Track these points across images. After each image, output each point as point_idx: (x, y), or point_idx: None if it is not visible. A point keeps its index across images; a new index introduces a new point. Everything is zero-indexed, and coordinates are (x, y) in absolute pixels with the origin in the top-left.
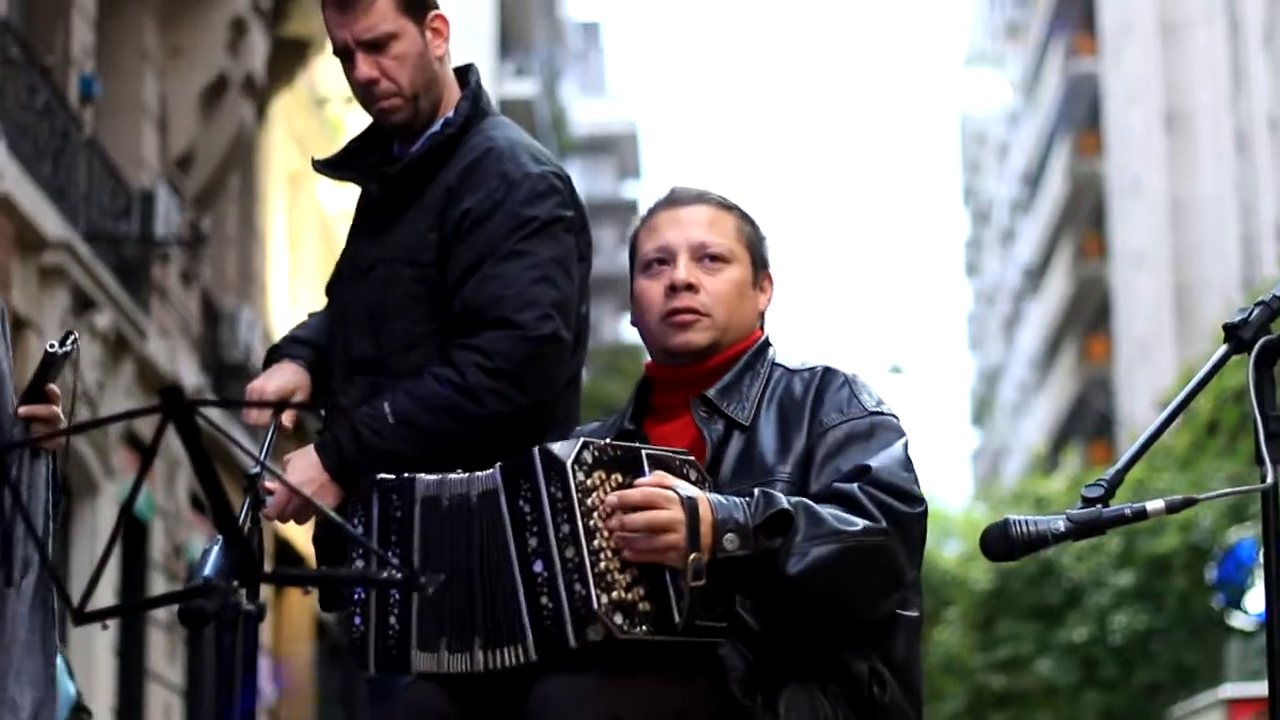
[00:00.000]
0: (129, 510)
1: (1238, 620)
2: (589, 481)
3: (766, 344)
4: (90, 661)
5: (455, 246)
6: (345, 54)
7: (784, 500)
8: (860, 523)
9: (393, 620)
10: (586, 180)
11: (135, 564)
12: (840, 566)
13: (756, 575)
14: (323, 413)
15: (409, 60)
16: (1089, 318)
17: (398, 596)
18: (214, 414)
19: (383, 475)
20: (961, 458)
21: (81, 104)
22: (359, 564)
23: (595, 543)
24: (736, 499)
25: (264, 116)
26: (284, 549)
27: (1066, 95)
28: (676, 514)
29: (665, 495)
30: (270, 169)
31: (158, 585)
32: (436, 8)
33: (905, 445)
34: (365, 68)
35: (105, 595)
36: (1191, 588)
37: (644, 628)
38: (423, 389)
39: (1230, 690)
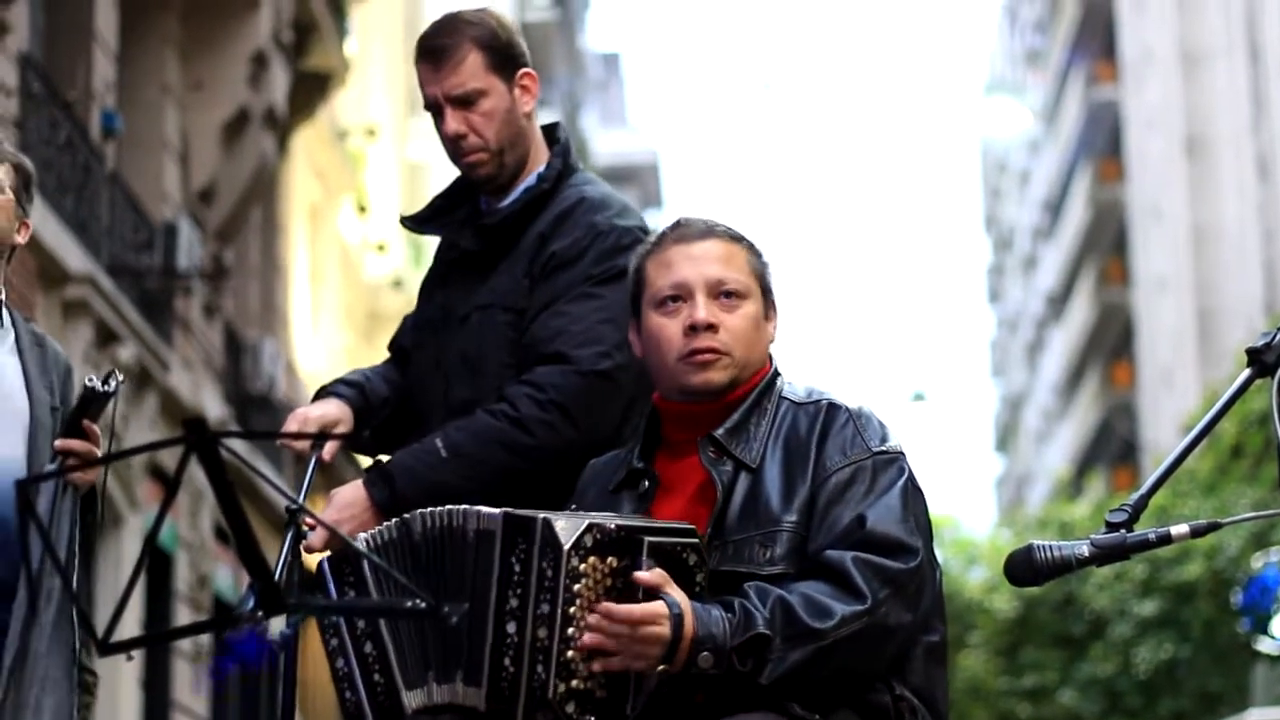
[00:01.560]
0: (153, 541)
1: (1264, 645)
2: (582, 567)
3: (775, 377)
4: (115, 692)
5: (538, 287)
6: (435, 109)
7: (761, 620)
8: (838, 612)
9: (376, 677)
10: None
11: (160, 595)
12: (817, 664)
13: (732, 686)
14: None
15: (496, 116)
16: (1112, 344)
17: (374, 653)
18: (238, 445)
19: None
20: (986, 484)
21: (103, 138)
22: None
23: (570, 630)
24: (718, 613)
25: (285, 149)
26: (309, 579)
27: (1087, 122)
28: (663, 632)
29: (658, 614)
30: (292, 201)
31: (182, 616)
32: (526, 65)
33: (906, 484)
34: (453, 123)
35: (130, 626)
36: (1216, 614)
37: (592, 718)
38: (475, 423)
39: (1256, 716)
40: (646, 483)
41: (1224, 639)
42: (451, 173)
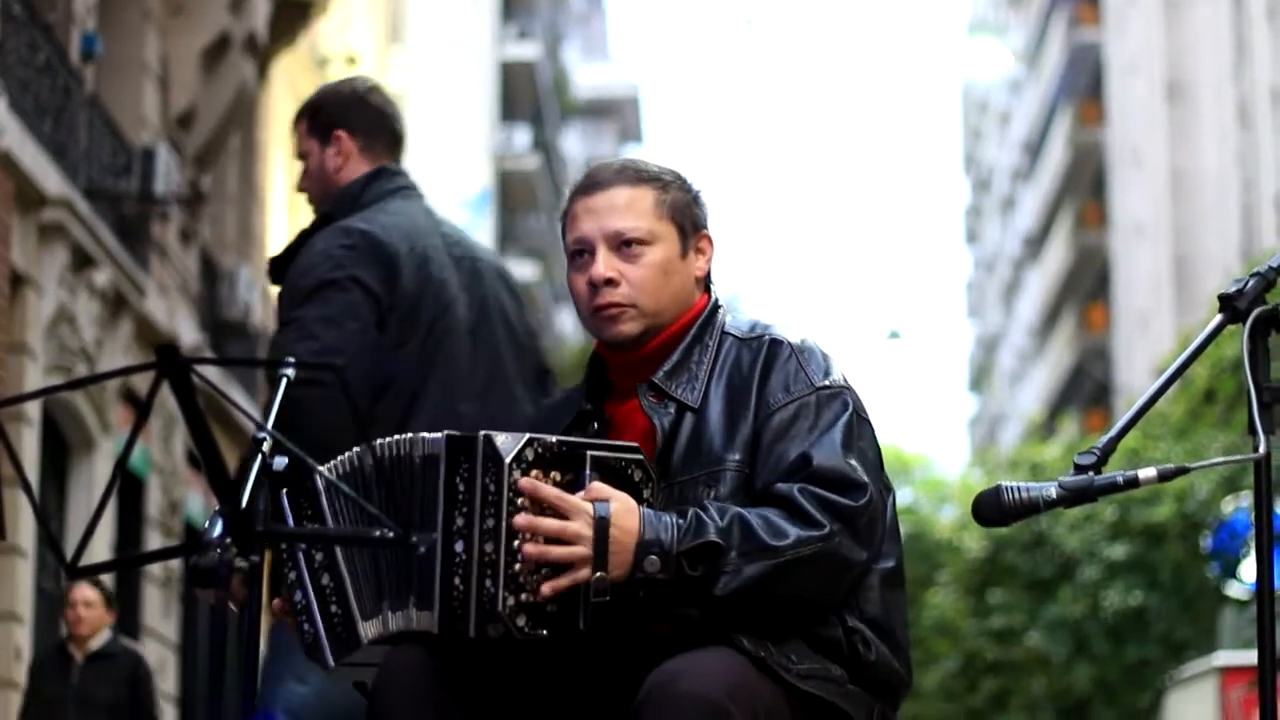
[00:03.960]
0: (124, 465)
1: (1233, 589)
2: (524, 481)
3: (714, 311)
4: None
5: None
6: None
7: (713, 529)
8: (793, 533)
9: (334, 609)
10: (587, 144)
11: (131, 520)
12: (773, 581)
13: (684, 596)
14: None
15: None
16: (1088, 287)
17: (331, 584)
18: (210, 372)
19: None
20: (959, 424)
21: (83, 61)
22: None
23: (516, 543)
24: (669, 519)
25: (265, 76)
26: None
27: (1069, 65)
28: (581, 529)
29: (576, 506)
30: (271, 128)
31: (153, 541)
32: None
33: (851, 418)
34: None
35: (100, 551)
36: (1186, 558)
37: (544, 631)
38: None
39: (1224, 658)
40: (595, 425)
41: (1192, 584)
42: (427, 102)
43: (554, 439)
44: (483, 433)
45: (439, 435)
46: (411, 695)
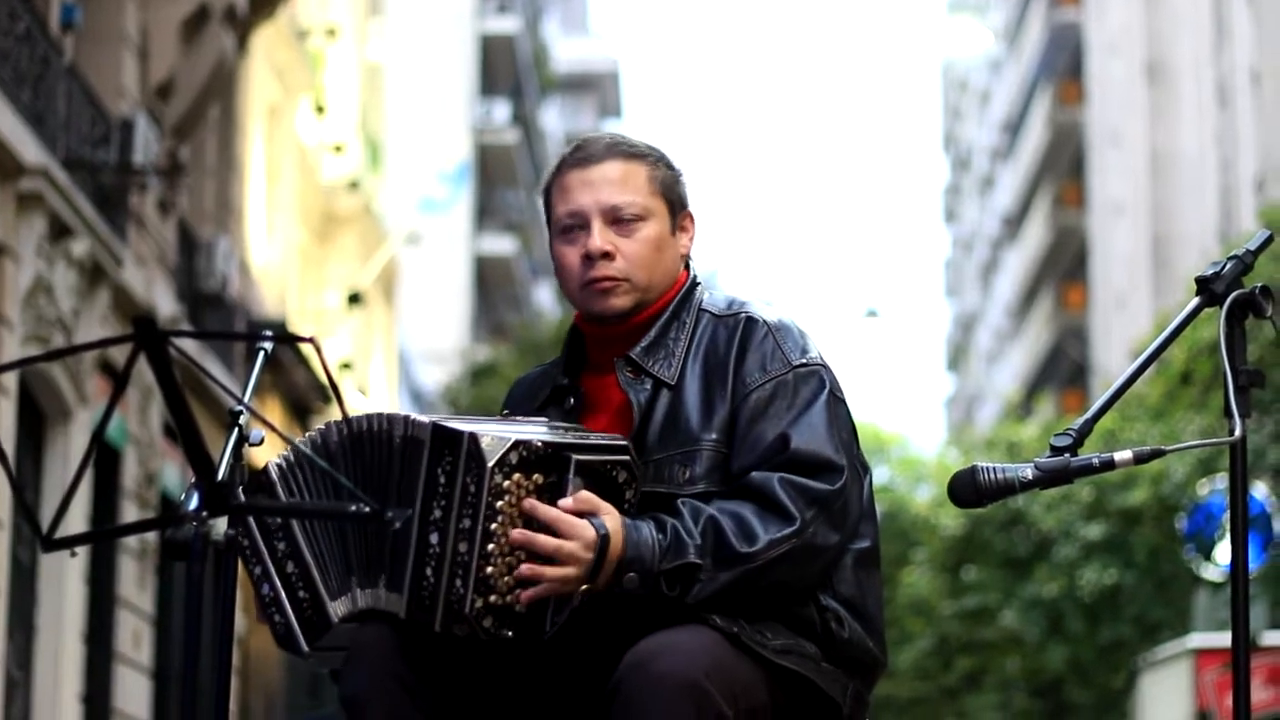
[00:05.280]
0: (100, 437)
1: (1208, 572)
2: (506, 484)
3: (692, 288)
4: (60, 588)
5: None
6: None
7: (692, 549)
8: (764, 536)
9: (301, 594)
10: (566, 118)
11: (107, 491)
12: (745, 585)
13: (657, 605)
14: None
15: None
16: (1066, 266)
17: (296, 570)
18: (187, 344)
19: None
20: (936, 403)
21: (62, 31)
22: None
23: (490, 546)
24: (649, 532)
25: (245, 48)
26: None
27: (1049, 44)
28: (578, 552)
29: (573, 529)
30: (250, 100)
31: (129, 513)
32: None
33: (828, 397)
34: None
35: (76, 522)
36: (1161, 540)
37: (509, 633)
38: None
39: (1198, 640)
40: (572, 400)
41: (1167, 567)
42: (406, 75)
43: (540, 441)
44: (468, 430)
45: (426, 420)
46: (380, 673)
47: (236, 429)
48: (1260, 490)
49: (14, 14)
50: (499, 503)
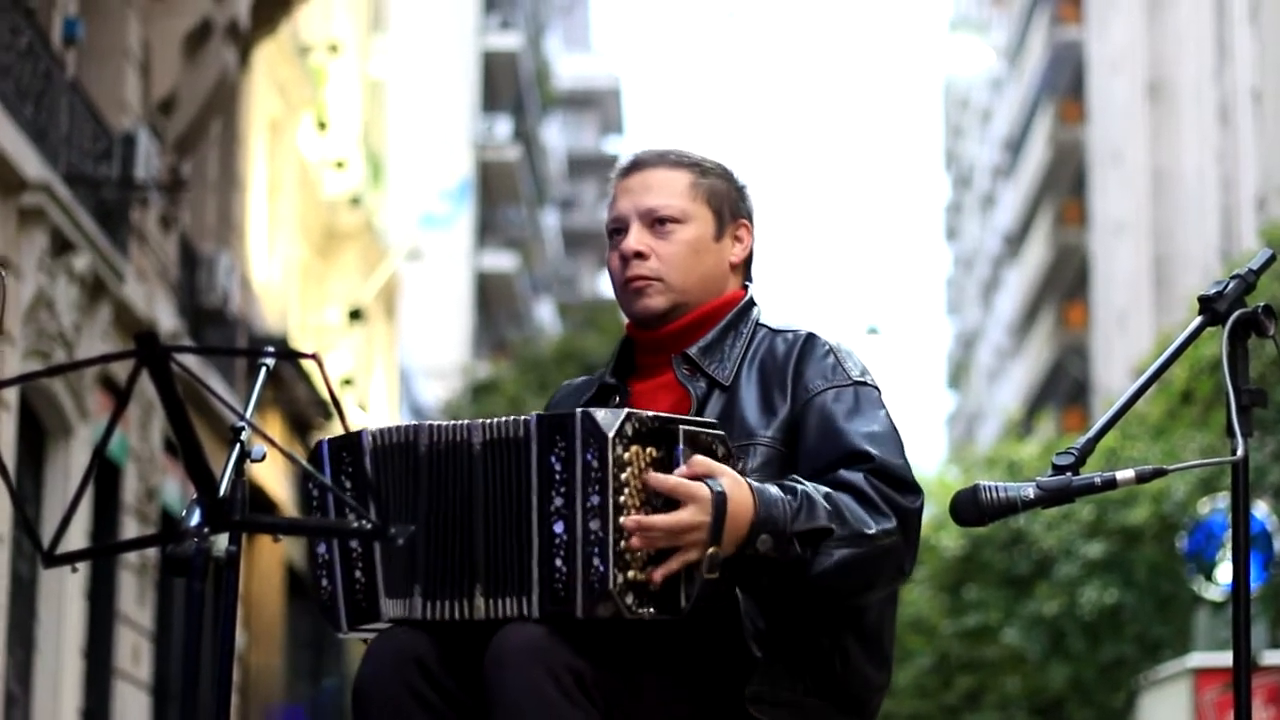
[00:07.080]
0: (101, 453)
1: (1209, 591)
2: (626, 455)
3: (750, 304)
4: (60, 603)
5: None
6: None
7: (824, 512)
8: (876, 525)
9: (358, 574)
10: (569, 135)
11: (107, 507)
12: (857, 568)
13: (778, 568)
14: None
15: None
16: (1067, 285)
17: (360, 549)
18: (189, 360)
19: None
20: (936, 421)
21: (65, 46)
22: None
23: (622, 519)
24: (776, 494)
25: (247, 63)
26: (256, 496)
27: (1050, 63)
28: (701, 518)
29: (692, 492)
30: (252, 115)
31: (129, 529)
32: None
33: (892, 420)
34: None
35: (77, 538)
36: (1162, 559)
37: (650, 610)
38: None
39: (1198, 659)
40: (618, 398)
41: (1167, 586)
42: (408, 91)
43: (649, 414)
44: (580, 409)
45: (523, 417)
46: (395, 687)
47: (238, 445)
48: (1261, 509)
49: (16, 29)
50: (624, 474)
